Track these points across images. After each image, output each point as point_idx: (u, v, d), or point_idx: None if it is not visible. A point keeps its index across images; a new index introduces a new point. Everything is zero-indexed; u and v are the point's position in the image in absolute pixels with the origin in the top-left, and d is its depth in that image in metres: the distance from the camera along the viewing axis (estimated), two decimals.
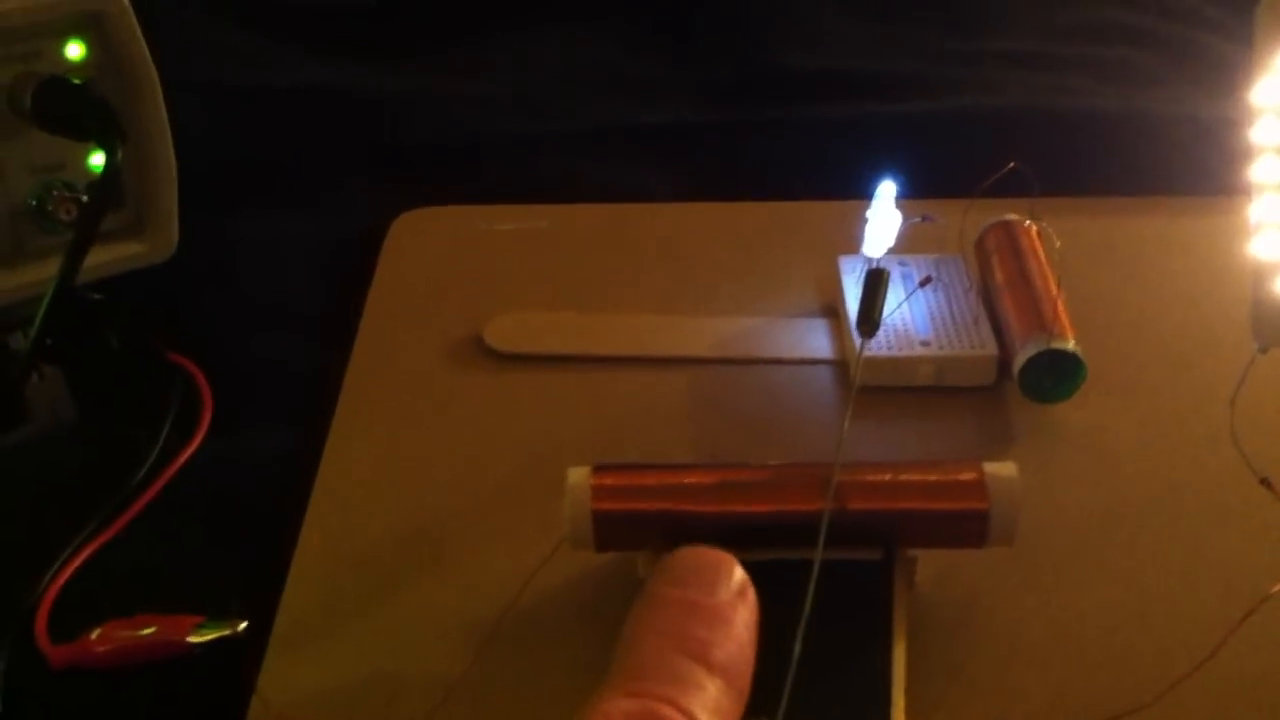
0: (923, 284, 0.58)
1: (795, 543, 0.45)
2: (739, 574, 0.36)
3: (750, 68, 0.80)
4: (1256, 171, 0.42)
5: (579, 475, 0.46)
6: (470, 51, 0.83)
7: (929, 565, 0.49)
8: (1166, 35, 0.84)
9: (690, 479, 0.47)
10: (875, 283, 0.52)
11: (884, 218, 0.57)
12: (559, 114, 0.77)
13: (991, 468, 0.46)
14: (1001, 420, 0.57)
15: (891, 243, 0.58)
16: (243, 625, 0.44)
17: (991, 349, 0.57)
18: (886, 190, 0.58)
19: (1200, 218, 0.66)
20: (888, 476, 0.47)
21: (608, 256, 0.66)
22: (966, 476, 0.46)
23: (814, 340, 0.60)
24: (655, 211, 0.69)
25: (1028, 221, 0.61)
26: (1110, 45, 0.85)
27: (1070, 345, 0.55)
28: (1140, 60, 0.82)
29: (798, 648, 0.42)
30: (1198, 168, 0.69)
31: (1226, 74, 0.76)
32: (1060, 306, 0.57)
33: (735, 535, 0.46)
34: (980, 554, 0.47)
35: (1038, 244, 0.61)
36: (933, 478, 0.47)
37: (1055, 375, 0.55)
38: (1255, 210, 0.42)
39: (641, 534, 0.47)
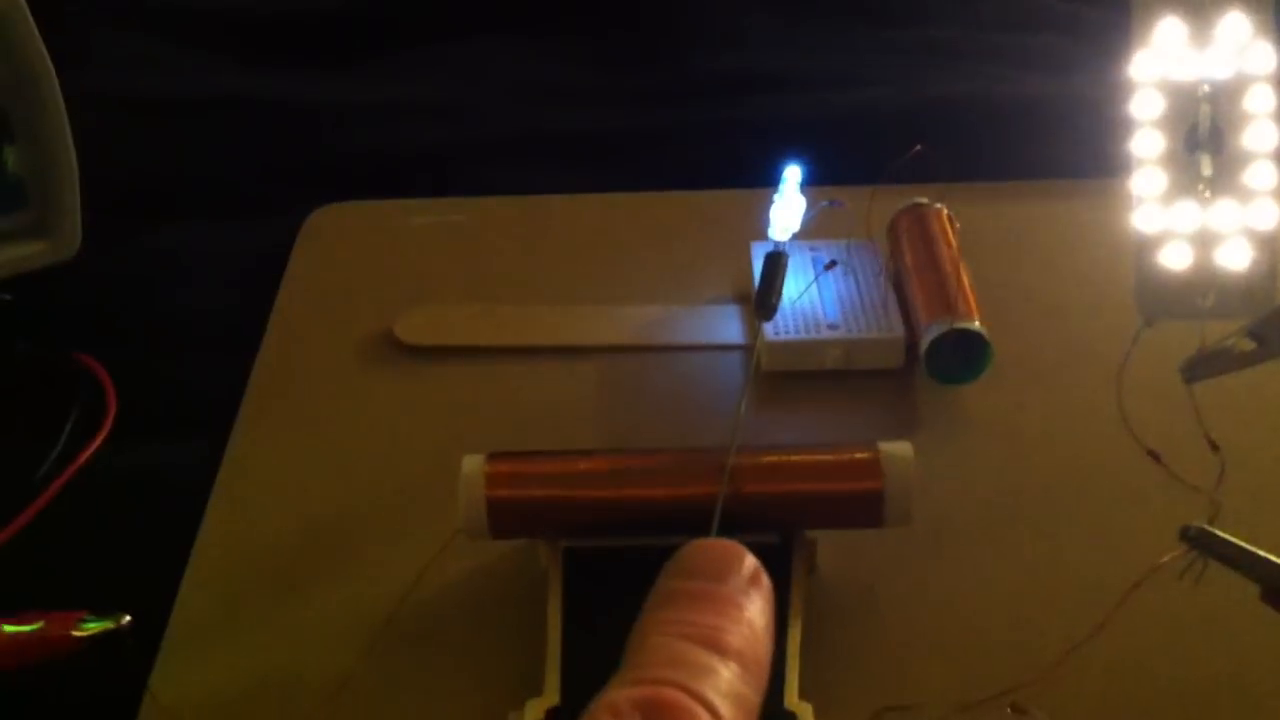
0: (828, 268, 0.58)
1: (692, 528, 0.45)
2: (750, 562, 0.36)
3: (674, 69, 0.80)
4: (1135, 145, 0.42)
5: (473, 463, 0.46)
6: (392, 61, 0.82)
7: (832, 547, 0.49)
8: (1089, 20, 0.84)
9: (585, 465, 0.47)
10: (772, 266, 0.52)
11: (789, 202, 0.57)
12: (481, 121, 0.77)
13: (887, 447, 0.46)
14: (910, 403, 0.57)
15: (797, 227, 0.58)
16: (126, 619, 0.44)
17: (899, 331, 0.57)
18: (791, 174, 0.58)
19: (1112, 200, 0.66)
20: (782, 459, 0.47)
21: (523, 249, 0.66)
22: (861, 456, 0.46)
23: (726, 326, 0.60)
24: (572, 204, 0.69)
25: (939, 206, 0.61)
26: (1035, 32, 0.85)
27: (975, 325, 0.55)
28: (1063, 46, 0.82)
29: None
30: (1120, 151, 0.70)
31: None
32: (966, 289, 0.57)
33: (631, 521, 0.47)
34: (884, 536, 0.47)
35: (948, 228, 0.61)
36: (827, 459, 0.47)
37: (962, 356, 0.55)
38: (1134, 184, 0.42)
39: (537, 521, 0.47)
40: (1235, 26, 0.40)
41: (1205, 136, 0.41)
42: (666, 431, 0.56)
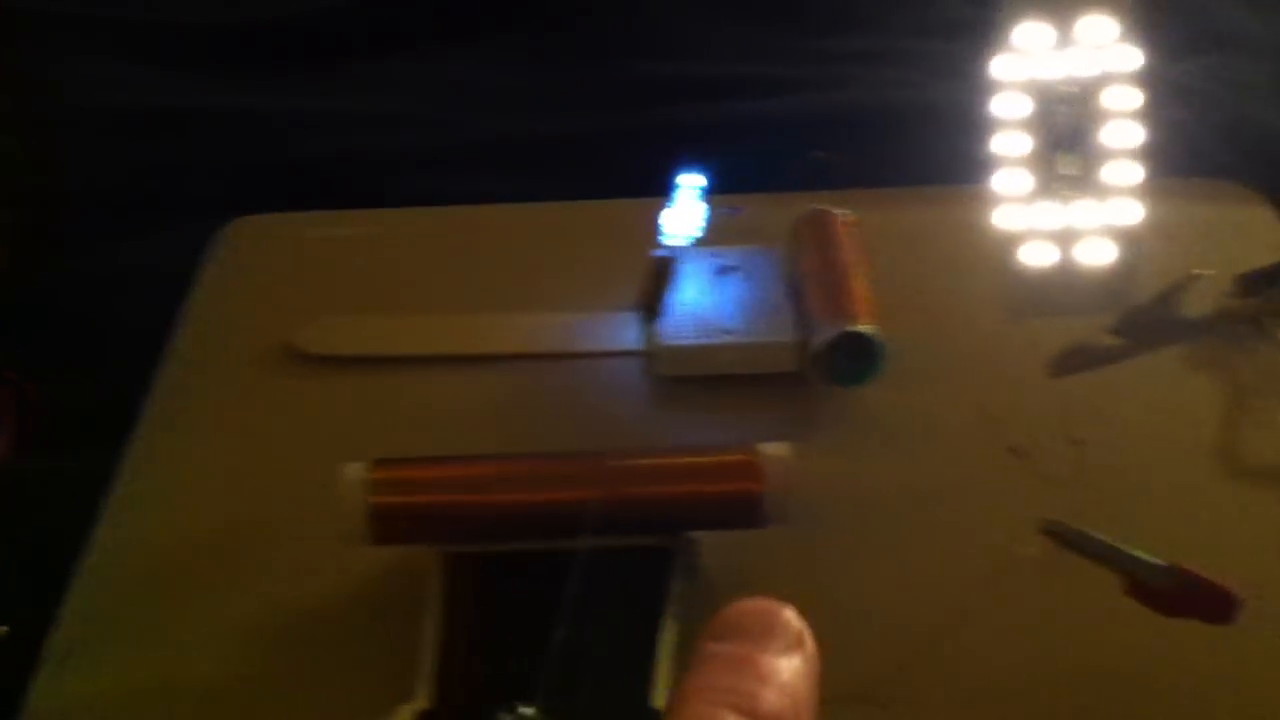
0: (722, 273, 0.59)
1: (576, 532, 0.45)
2: (793, 624, 0.36)
3: (607, 75, 0.80)
4: (998, 145, 0.42)
5: (356, 470, 0.46)
6: (327, 72, 0.82)
7: (720, 548, 0.49)
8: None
9: (470, 471, 0.47)
10: (658, 272, 0.52)
11: (684, 210, 0.57)
12: (418, 130, 0.77)
13: (765, 449, 0.47)
14: (806, 405, 0.57)
15: (696, 234, 0.58)
16: (3, 629, 0.43)
17: (793, 335, 0.57)
18: (687, 182, 0.58)
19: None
20: (662, 462, 0.47)
21: (433, 259, 0.66)
22: (739, 459, 0.47)
23: (626, 333, 0.60)
24: (482, 214, 0.69)
25: (840, 212, 0.62)
26: (957, 41, 0.86)
27: (866, 328, 0.55)
28: (975, 54, 0.83)
29: (559, 633, 0.43)
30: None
31: None
32: (861, 292, 0.57)
33: (513, 526, 0.47)
34: (772, 536, 0.47)
35: (848, 234, 0.61)
36: (706, 461, 0.47)
37: (854, 359, 0.56)
38: (998, 184, 0.42)
39: (420, 528, 0.47)
40: (1096, 28, 0.41)
41: (1067, 136, 0.42)
42: (567, 439, 0.56)
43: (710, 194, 0.60)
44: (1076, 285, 0.42)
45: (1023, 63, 0.41)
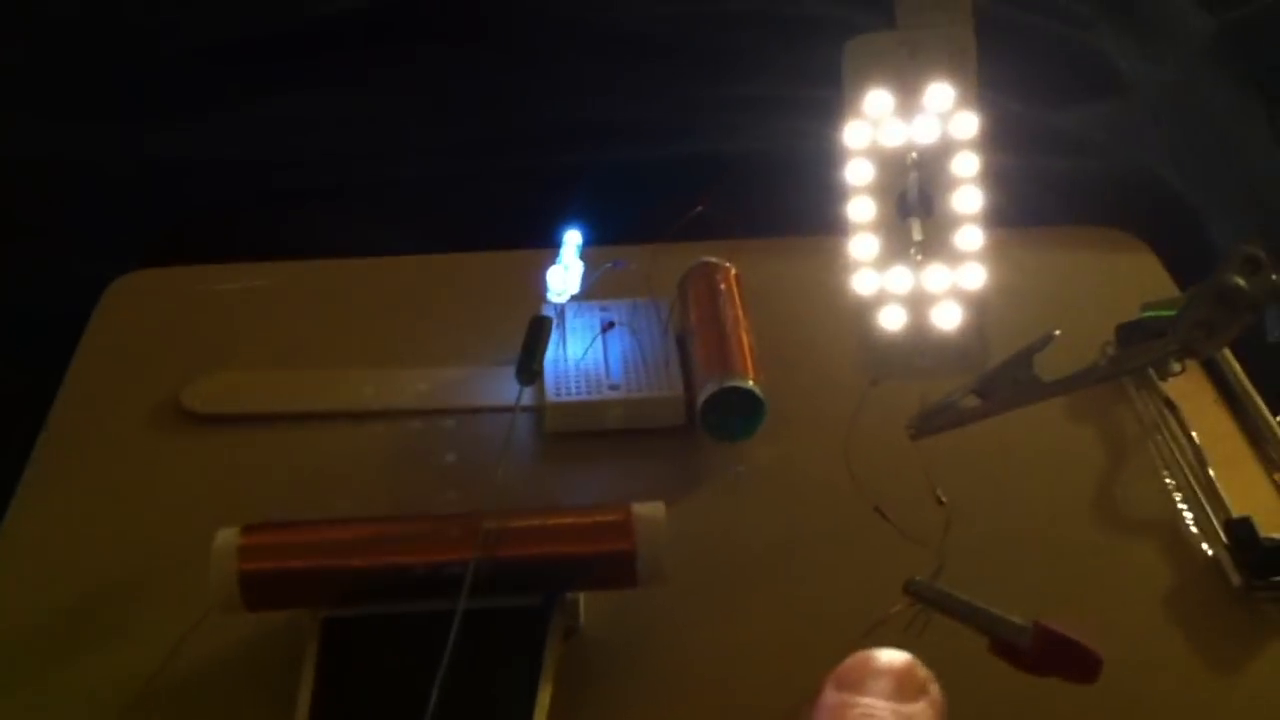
0: (605, 330, 0.59)
1: (451, 593, 0.46)
2: (919, 673, 0.36)
3: (499, 120, 0.80)
4: (850, 211, 0.43)
5: (226, 536, 0.46)
6: (219, 117, 0.82)
7: (602, 607, 0.50)
8: None
9: (342, 534, 0.47)
10: (535, 331, 0.52)
11: (568, 266, 0.58)
12: (303, 177, 0.77)
13: (639, 509, 0.47)
14: (693, 461, 0.57)
15: (577, 289, 0.59)
16: None
17: (678, 390, 0.58)
18: (570, 238, 0.59)
19: None
20: (537, 523, 0.48)
21: (325, 312, 0.66)
22: (612, 519, 0.47)
23: (514, 389, 0.60)
24: (376, 266, 0.69)
25: (727, 265, 0.62)
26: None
27: (747, 383, 0.56)
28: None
29: (434, 696, 0.43)
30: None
31: None
32: (745, 346, 0.58)
33: (388, 589, 0.47)
34: (653, 593, 0.48)
35: (734, 286, 0.62)
36: (580, 521, 0.48)
37: (738, 413, 0.56)
38: (852, 248, 0.43)
39: (293, 592, 0.47)
40: (939, 96, 0.42)
41: (915, 202, 0.43)
42: (455, 496, 0.56)
43: (590, 244, 0.61)
44: (930, 348, 0.43)
45: (870, 130, 0.42)
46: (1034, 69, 0.81)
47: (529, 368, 0.50)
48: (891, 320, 0.43)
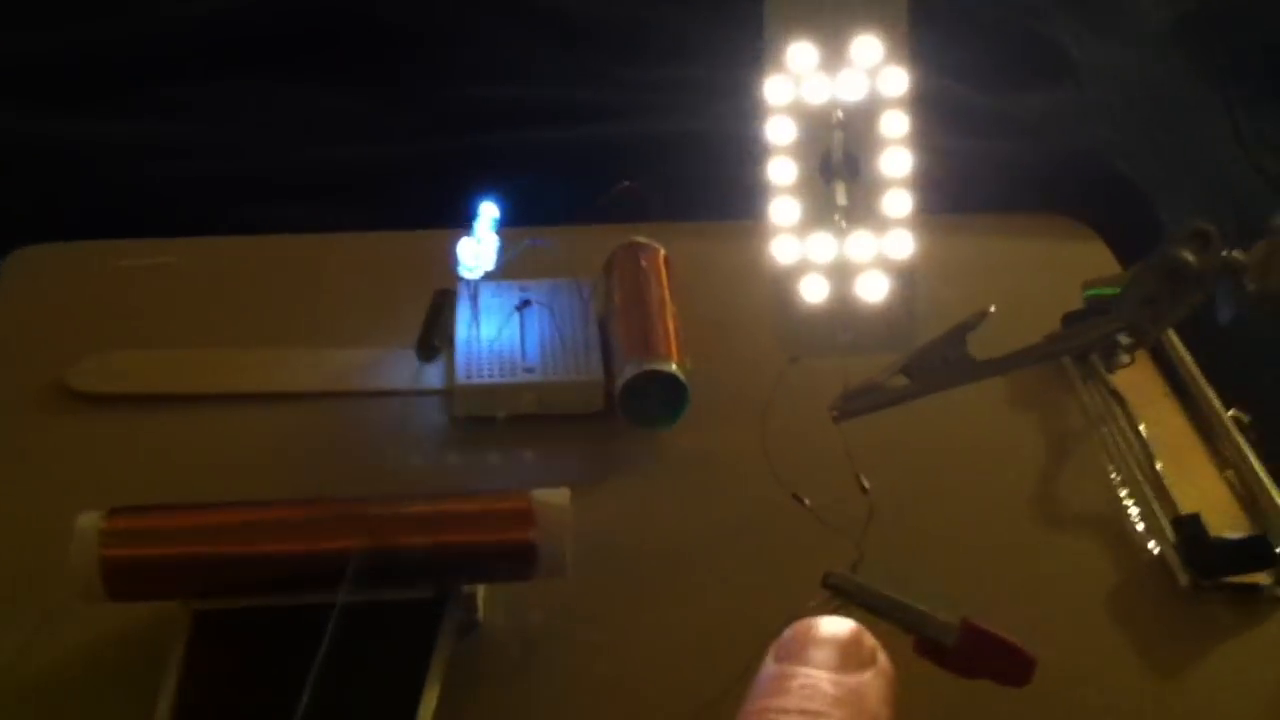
0: (520, 308, 0.56)
1: (334, 585, 0.42)
2: (866, 642, 0.33)
3: (417, 101, 0.76)
4: (770, 173, 0.40)
5: (89, 520, 0.43)
6: (128, 98, 0.77)
7: (505, 601, 0.46)
8: None
9: (216, 519, 0.44)
10: (437, 305, 0.49)
11: (480, 240, 0.54)
12: (217, 156, 0.73)
13: (541, 495, 0.44)
14: (611, 449, 0.54)
15: (492, 266, 0.55)
16: None
17: (597, 374, 0.54)
18: (485, 210, 0.55)
19: None
20: (429, 509, 0.44)
21: (230, 291, 0.62)
22: (512, 506, 0.44)
23: (427, 371, 0.57)
24: (286, 243, 0.65)
25: (655, 245, 0.59)
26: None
27: (669, 366, 0.52)
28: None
29: (305, 697, 0.40)
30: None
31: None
32: (670, 329, 0.54)
33: (266, 579, 0.43)
34: (562, 586, 0.44)
35: (663, 268, 0.58)
36: (477, 509, 0.44)
37: (659, 399, 0.53)
38: (771, 213, 0.40)
39: (161, 582, 0.43)
40: (867, 50, 0.39)
41: (839, 164, 0.39)
42: (354, 485, 0.52)
43: (512, 224, 0.57)
44: (854, 322, 0.39)
45: (793, 85, 0.39)
46: (985, 54, 0.78)
47: (429, 343, 0.46)
48: (813, 291, 0.39)
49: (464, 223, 0.58)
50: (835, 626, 0.34)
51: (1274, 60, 0.79)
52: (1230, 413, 0.54)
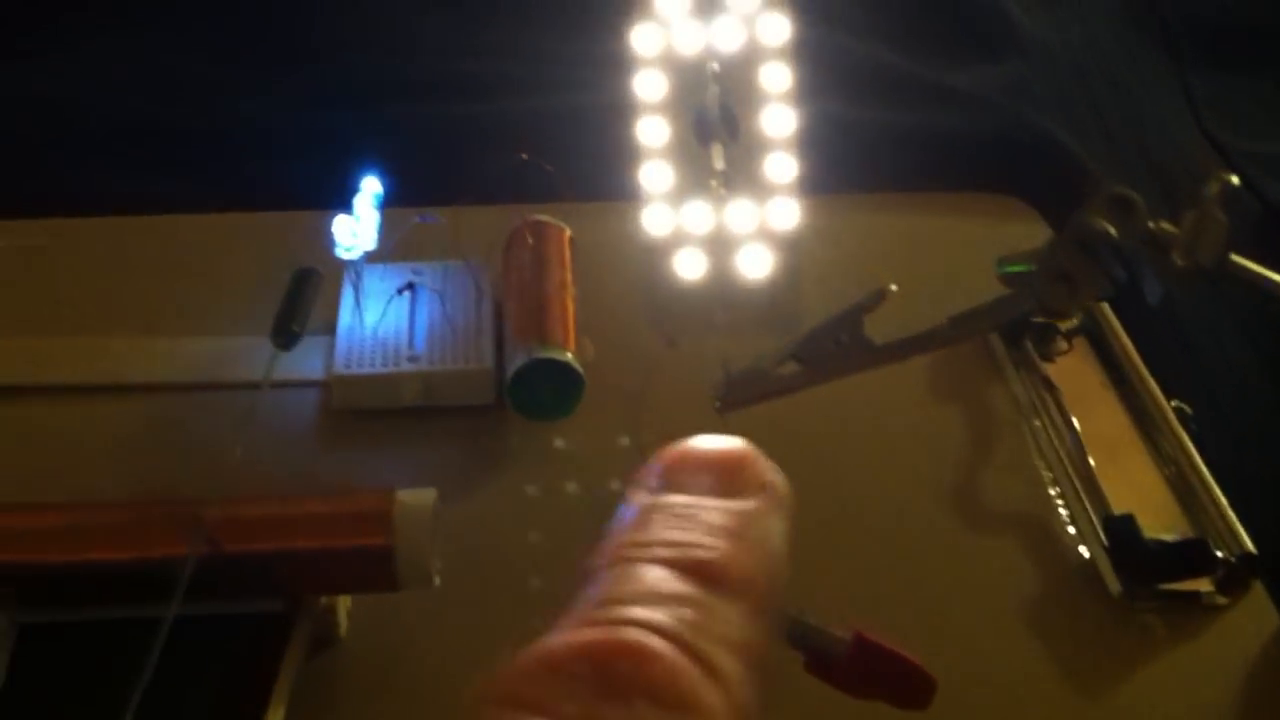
0: (401, 291, 0.51)
1: (165, 595, 0.38)
2: (756, 464, 0.27)
3: (315, 68, 0.71)
4: (641, 133, 0.35)
5: None
6: (40, 55, 0.73)
7: (371, 613, 0.42)
8: None
9: (35, 522, 0.39)
10: (297, 285, 0.45)
11: (361, 218, 0.50)
12: (97, 119, 0.68)
13: (403, 496, 0.39)
14: (500, 444, 0.50)
15: (373, 245, 0.51)
16: None
17: (486, 363, 0.50)
18: (367, 187, 0.51)
19: None
20: (275, 511, 0.40)
21: (86, 274, 0.57)
22: (368, 507, 0.39)
23: (304, 360, 0.52)
24: (151, 224, 0.60)
25: (560, 225, 0.55)
26: None
27: (563, 355, 0.48)
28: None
29: (129, 716, 0.35)
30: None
31: (845, 76, 0.70)
32: (567, 314, 0.50)
33: (89, 589, 0.39)
34: (437, 595, 0.40)
35: (566, 249, 0.54)
36: (329, 510, 0.40)
37: (551, 388, 0.49)
38: (642, 178, 0.36)
39: None
40: None
41: (716, 122, 0.35)
42: (219, 484, 0.48)
43: (401, 206, 0.53)
44: (735, 300, 0.35)
45: (662, 33, 0.34)
46: (925, 25, 0.74)
47: (287, 327, 0.42)
48: (689, 267, 0.35)
49: (346, 203, 0.54)
50: (713, 444, 0.27)
51: (1227, 31, 0.75)
52: (1172, 404, 0.50)
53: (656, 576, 0.23)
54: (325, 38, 0.71)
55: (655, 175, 0.35)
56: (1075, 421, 0.49)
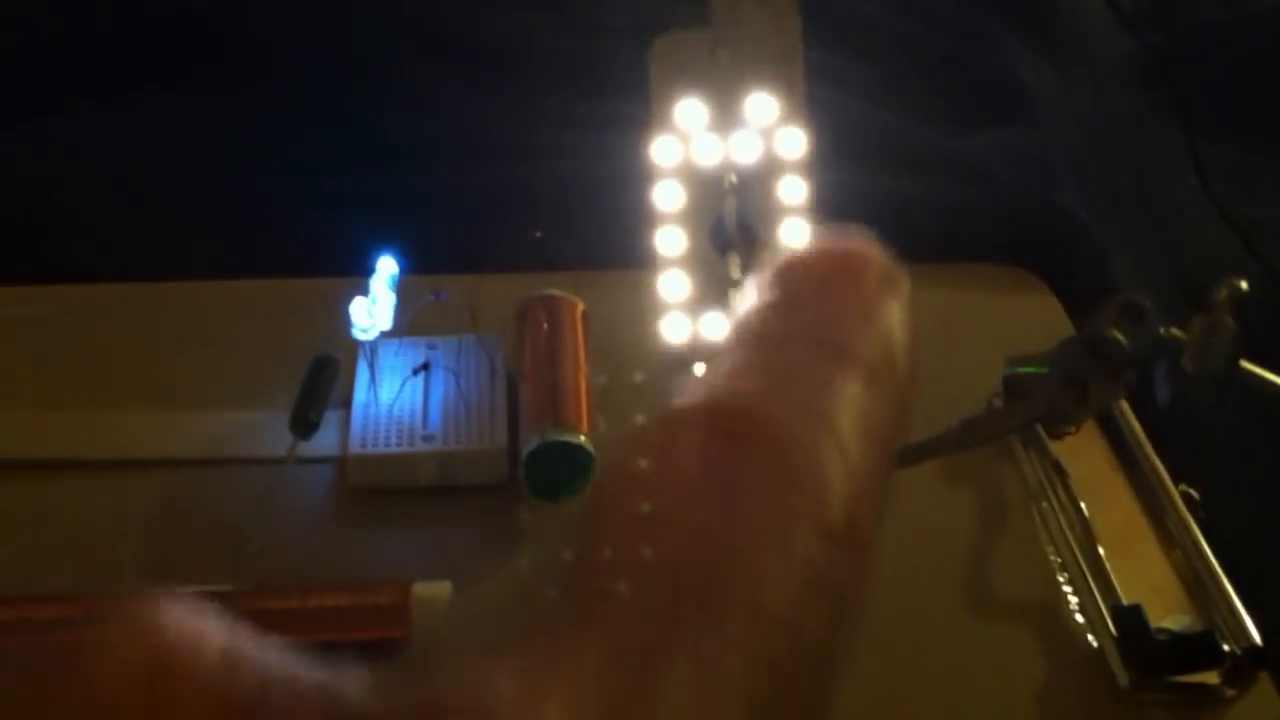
0: (416, 372, 0.52)
1: None
2: (881, 259, 0.26)
3: (315, 137, 0.71)
4: (658, 242, 0.36)
5: None
6: (31, 120, 0.73)
7: None
8: None
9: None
10: (316, 374, 0.45)
11: (377, 300, 0.51)
12: (115, 187, 0.68)
13: (419, 589, 0.40)
14: (516, 525, 0.50)
15: (389, 325, 0.51)
16: None
17: (500, 442, 0.51)
18: (383, 267, 0.51)
19: None
20: (293, 604, 0.40)
21: (98, 345, 0.58)
22: (383, 600, 0.40)
23: (319, 436, 0.52)
24: (163, 292, 0.61)
25: (573, 299, 0.55)
26: None
27: (577, 437, 0.49)
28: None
29: None
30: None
31: (854, 143, 0.70)
32: (581, 392, 0.51)
33: None
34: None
35: (579, 324, 0.55)
36: (343, 603, 0.40)
37: (565, 470, 0.49)
38: (661, 288, 0.36)
39: None
40: (762, 108, 0.35)
41: (734, 233, 0.36)
42: (222, 564, 0.48)
43: (414, 272, 0.53)
44: None
45: (681, 146, 0.35)
46: (934, 90, 0.74)
47: (305, 417, 0.43)
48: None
49: (359, 268, 0.54)
50: (842, 244, 0.26)
51: (1240, 97, 0.76)
52: (1180, 488, 0.50)
53: (794, 354, 0.23)
54: (340, 104, 0.71)
55: (673, 285, 0.36)
56: (1084, 506, 0.49)
